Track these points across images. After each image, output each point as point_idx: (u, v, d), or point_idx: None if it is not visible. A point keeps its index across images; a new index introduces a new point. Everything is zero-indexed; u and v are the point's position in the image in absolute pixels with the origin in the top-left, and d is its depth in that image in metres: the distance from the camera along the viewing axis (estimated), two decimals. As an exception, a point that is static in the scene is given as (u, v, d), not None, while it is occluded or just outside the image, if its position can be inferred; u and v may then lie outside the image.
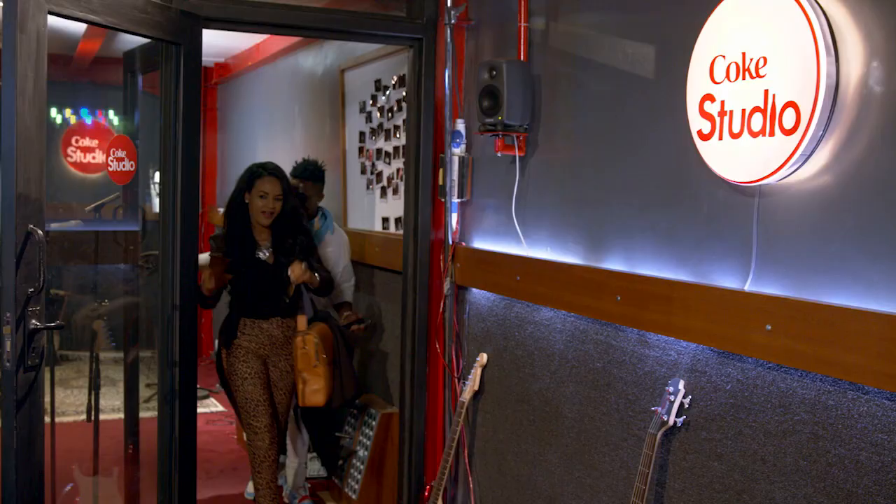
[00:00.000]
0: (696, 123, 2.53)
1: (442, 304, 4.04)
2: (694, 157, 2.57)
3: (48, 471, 3.82)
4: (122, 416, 6.62)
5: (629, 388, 2.92)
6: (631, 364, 2.92)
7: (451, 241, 3.98)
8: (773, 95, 2.28)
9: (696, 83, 2.53)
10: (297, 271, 4.20)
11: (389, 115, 5.03)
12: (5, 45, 2.71)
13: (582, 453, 3.17)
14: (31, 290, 2.72)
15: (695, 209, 2.66)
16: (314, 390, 4.29)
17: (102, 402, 4.71)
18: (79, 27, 6.70)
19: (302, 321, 4.33)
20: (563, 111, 3.33)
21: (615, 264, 3.01)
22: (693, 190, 2.66)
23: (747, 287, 2.44)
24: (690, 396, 2.62)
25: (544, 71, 3.44)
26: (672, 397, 2.63)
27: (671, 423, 2.63)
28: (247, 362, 4.29)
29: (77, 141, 7.69)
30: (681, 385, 2.62)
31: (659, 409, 2.65)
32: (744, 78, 2.37)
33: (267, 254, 4.30)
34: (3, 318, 2.68)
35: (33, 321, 2.72)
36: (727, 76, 2.42)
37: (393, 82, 4.95)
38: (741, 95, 2.38)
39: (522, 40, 3.51)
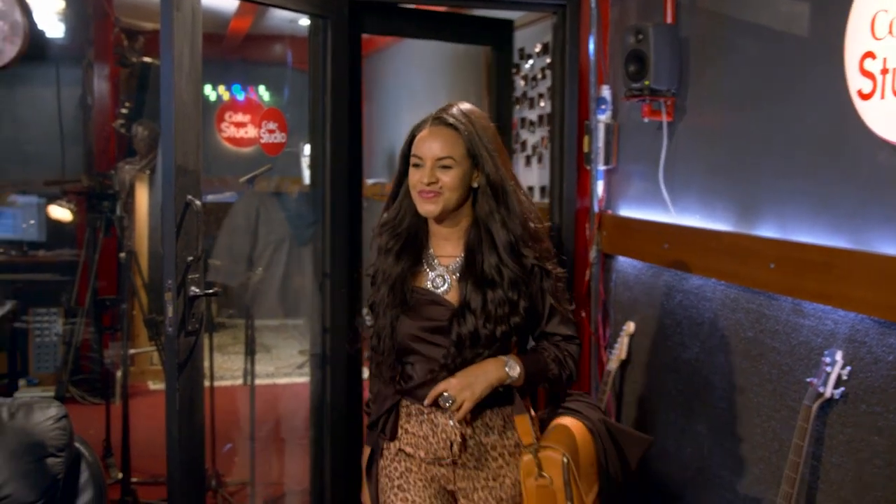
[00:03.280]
0: (856, 83, 2.41)
1: (588, 272, 4.00)
2: (852, 117, 2.46)
3: (208, 431, 4.00)
4: (275, 381, 6.86)
5: (783, 359, 2.83)
6: (785, 333, 2.83)
7: (596, 209, 3.94)
8: (941, 50, 2.15)
9: (856, 40, 2.41)
10: (455, 391, 2.30)
11: (533, 83, 5.01)
12: (163, 22, 2.81)
13: (732, 424, 3.10)
14: (191, 258, 2.83)
15: (853, 173, 2.54)
16: None
17: (257, 368, 4.89)
18: (230, 6, 6.92)
19: (523, 424, 2.39)
20: (712, 74, 3.24)
21: (768, 231, 2.91)
22: (851, 152, 2.55)
23: (911, 253, 2.32)
24: (849, 367, 2.52)
25: (692, 33, 3.34)
26: (829, 368, 2.53)
27: (828, 394, 2.54)
28: (413, 489, 2.43)
29: (230, 116, 7.95)
30: (838, 356, 2.52)
31: (815, 380, 2.56)
32: (908, 33, 2.25)
33: (447, 283, 2.40)
34: (165, 285, 2.81)
35: (193, 288, 2.84)
36: (890, 32, 2.30)
37: (537, 50, 4.92)
38: (905, 51, 2.26)
39: (669, 2, 3.42)
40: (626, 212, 3.83)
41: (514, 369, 2.33)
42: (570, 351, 2.45)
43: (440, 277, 2.42)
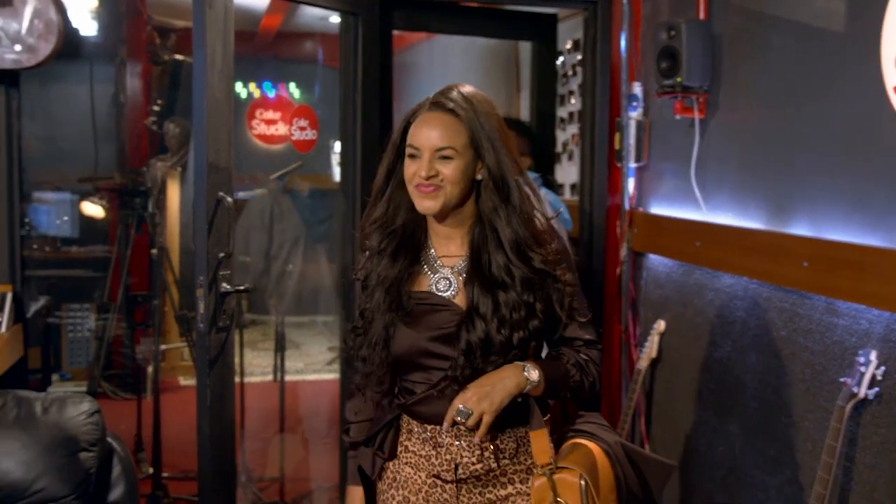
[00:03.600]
0: (892, 79, 2.38)
1: (618, 270, 3.98)
2: (888, 114, 2.43)
3: (238, 427, 4.02)
4: (305, 377, 6.89)
5: (816, 358, 2.81)
6: (818, 333, 2.80)
7: (627, 207, 3.92)
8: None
9: (893, 36, 2.38)
10: (472, 403, 2.04)
11: (564, 79, 4.99)
12: (195, 20, 2.83)
13: (764, 424, 3.07)
14: (222, 254, 2.84)
15: (888, 170, 2.51)
16: None
17: (287, 364, 4.91)
18: (261, 4, 6.95)
19: (541, 441, 2.13)
20: (746, 71, 3.21)
21: (801, 229, 2.88)
22: (886, 150, 2.51)
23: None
24: (884, 368, 2.49)
25: (725, 29, 3.32)
26: (863, 368, 2.50)
27: (862, 395, 2.51)
28: None
29: (261, 114, 7.98)
30: (873, 356, 2.49)
31: (848, 380, 2.54)
32: (946, 28, 2.22)
33: (453, 286, 2.16)
34: (197, 282, 2.82)
35: (224, 284, 2.85)
36: (927, 27, 2.27)
37: (567, 47, 4.90)
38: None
39: (702, -1, 3.40)
40: (658, 209, 3.80)
41: (532, 374, 2.06)
42: (591, 356, 2.22)
43: (444, 280, 2.16)
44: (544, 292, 2.12)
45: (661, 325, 3.71)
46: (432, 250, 2.19)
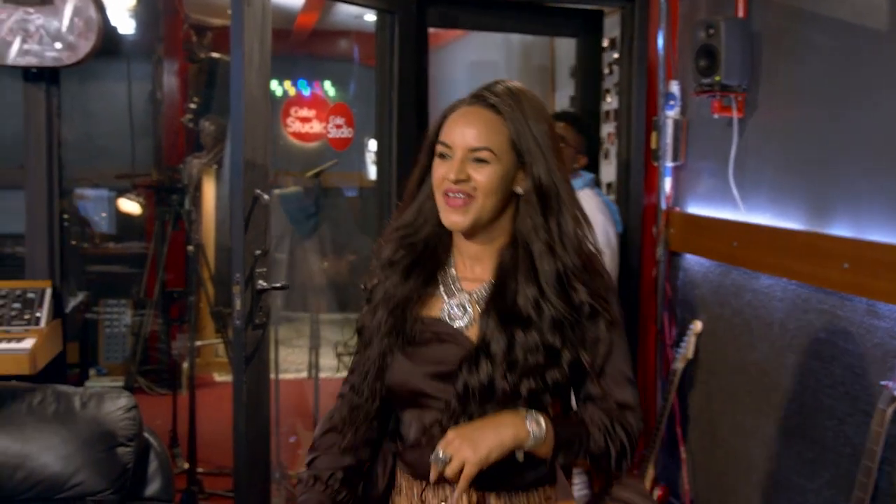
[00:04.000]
0: (937, 78, 2.35)
1: (654, 270, 3.96)
2: (934, 114, 2.39)
3: (272, 423, 4.04)
4: (340, 374, 6.90)
5: (856, 361, 2.77)
6: (858, 335, 2.76)
7: (664, 206, 3.89)
8: None
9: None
10: (453, 448, 1.66)
11: (600, 78, 4.96)
12: (234, 18, 2.84)
13: (802, 427, 3.03)
14: (258, 251, 2.85)
15: (933, 171, 2.48)
16: None
17: (321, 361, 4.92)
18: (297, 2, 6.98)
19: None
20: (785, 69, 3.17)
21: (841, 230, 2.85)
22: (932, 150, 2.48)
23: None
24: (926, 371, 2.45)
25: (764, 27, 3.28)
26: (905, 371, 2.47)
27: (903, 398, 2.47)
28: None
29: (295, 111, 8.01)
30: (915, 358, 2.46)
31: (890, 383, 2.50)
32: None
33: (468, 315, 1.83)
34: (233, 279, 2.84)
35: (260, 281, 2.86)
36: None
37: (604, 45, 4.87)
38: None
39: (741, -4, 3.37)
40: (694, 209, 3.77)
41: (538, 427, 1.67)
42: (625, 422, 1.78)
43: (460, 307, 1.82)
44: (577, 337, 1.76)
45: (697, 325, 3.67)
46: (453, 270, 1.86)
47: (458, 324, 1.81)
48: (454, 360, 1.75)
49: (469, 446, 1.63)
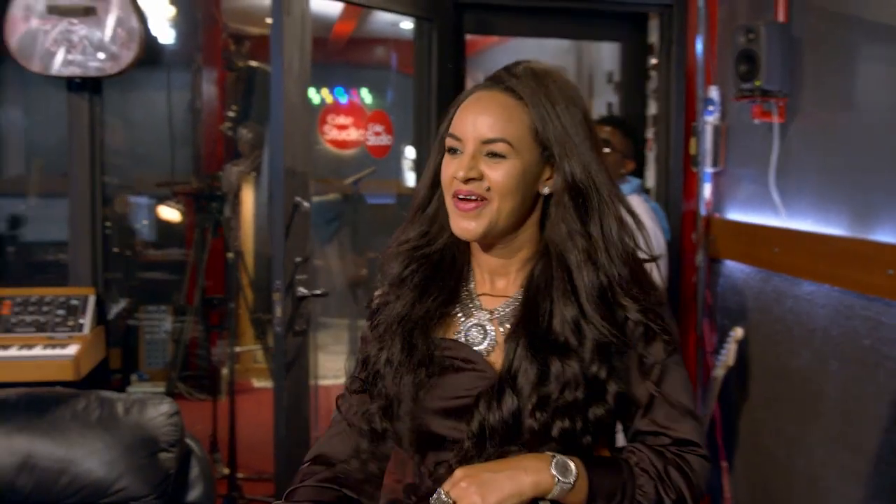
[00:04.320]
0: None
1: (694, 276, 3.93)
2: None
3: (312, 428, 4.05)
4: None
5: (901, 368, 2.73)
6: (903, 342, 2.73)
7: (703, 212, 3.86)
8: None
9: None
10: (458, 491, 1.41)
11: (637, 83, 4.94)
12: (273, 26, 2.87)
13: (847, 435, 3.00)
14: (299, 259, 2.87)
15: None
16: None
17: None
18: (334, 10, 7.01)
19: None
20: (828, 74, 3.14)
21: (885, 236, 2.81)
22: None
23: None
24: (973, 379, 2.41)
25: (805, 32, 3.25)
26: (952, 379, 2.43)
27: (950, 406, 2.44)
28: None
29: (332, 119, 8.05)
30: (962, 366, 2.42)
31: (936, 391, 2.47)
32: None
33: (489, 338, 1.55)
34: (274, 286, 2.86)
35: (300, 288, 2.88)
36: None
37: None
38: None
39: (781, 0, 3.34)
40: (735, 215, 3.74)
41: (566, 474, 1.40)
42: (684, 464, 1.49)
43: (478, 328, 1.53)
44: (626, 365, 1.49)
45: (738, 332, 3.64)
46: (472, 285, 1.59)
47: (478, 347, 1.52)
48: (472, 391, 1.47)
49: (478, 491, 1.38)
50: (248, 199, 6.50)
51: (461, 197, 1.48)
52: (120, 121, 6.71)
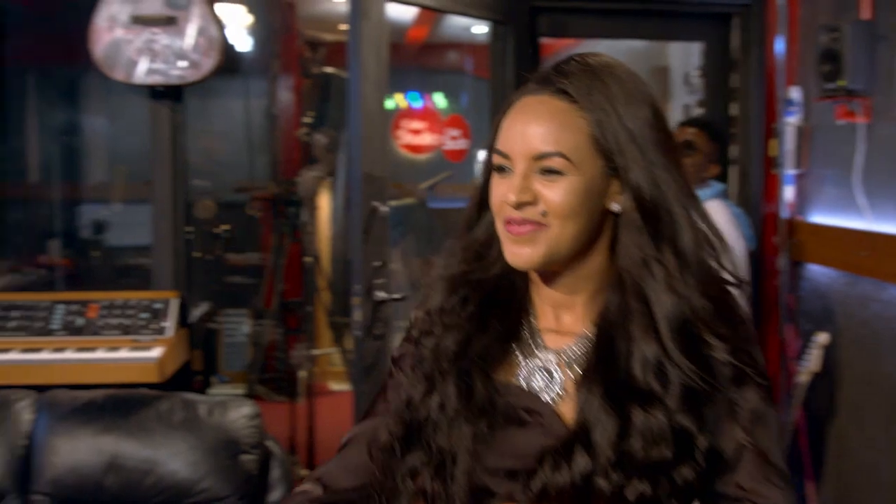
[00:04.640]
0: None
1: (776, 280, 3.86)
2: None
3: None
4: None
5: None
6: None
7: (786, 215, 3.79)
8: None
9: None
10: None
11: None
12: (351, 32, 2.89)
13: (937, 444, 2.92)
14: (377, 263, 2.89)
15: None
16: None
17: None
18: (408, 15, 7.05)
19: None
20: (916, 72, 3.06)
21: (978, 238, 2.73)
22: None
23: None
24: None
25: (891, 29, 3.17)
26: None
27: None
28: None
29: (406, 124, 8.09)
30: None
31: None
32: None
33: (556, 384, 1.30)
34: (353, 290, 2.87)
35: (379, 293, 2.89)
36: None
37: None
38: None
39: (867, -3, 3.27)
40: (818, 218, 3.67)
41: None
42: None
43: (542, 371, 1.30)
44: (715, 413, 1.24)
45: (823, 337, 3.55)
46: (532, 319, 1.35)
47: (544, 397, 1.28)
48: (537, 450, 1.23)
49: None
50: (325, 203, 6.56)
51: (514, 223, 1.26)
52: (200, 128, 6.83)
